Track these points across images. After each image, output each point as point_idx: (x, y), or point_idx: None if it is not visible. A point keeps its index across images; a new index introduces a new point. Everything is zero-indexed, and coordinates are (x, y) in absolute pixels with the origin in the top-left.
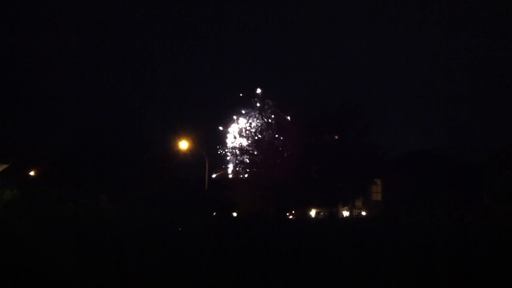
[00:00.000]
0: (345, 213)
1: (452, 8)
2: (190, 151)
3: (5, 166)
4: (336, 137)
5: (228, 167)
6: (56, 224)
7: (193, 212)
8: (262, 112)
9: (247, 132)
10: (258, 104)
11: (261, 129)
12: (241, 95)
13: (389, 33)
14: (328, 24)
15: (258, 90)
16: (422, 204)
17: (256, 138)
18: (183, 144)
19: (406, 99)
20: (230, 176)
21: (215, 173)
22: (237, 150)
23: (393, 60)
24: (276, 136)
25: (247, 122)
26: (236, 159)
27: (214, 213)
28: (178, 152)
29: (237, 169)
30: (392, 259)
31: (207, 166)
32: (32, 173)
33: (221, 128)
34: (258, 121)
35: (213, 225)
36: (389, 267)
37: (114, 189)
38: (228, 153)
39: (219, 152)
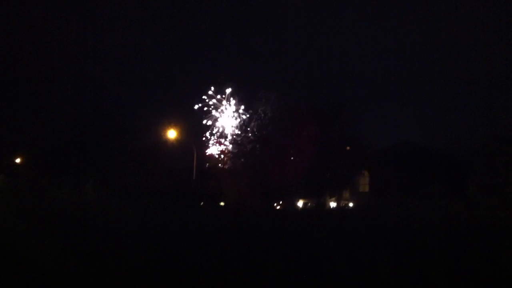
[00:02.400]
0: (333, 204)
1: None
2: (178, 140)
3: None
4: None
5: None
6: (41, 214)
7: (180, 202)
8: (265, 106)
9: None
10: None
11: (249, 120)
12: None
13: (385, 29)
14: (323, 19)
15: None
16: (408, 194)
17: (244, 128)
18: (171, 133)
19: (396, 93)
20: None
21: (206, 164)
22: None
23: (387, 54)
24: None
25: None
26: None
27: (202, 203)
28: (165, 141)
29: (225, 158)
30: (378, 248)
31: (195, 154)
32: (18, 160)
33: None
34: (250, 112)
35: (200, 217)
36: (376, 256)
37: (99, 179)
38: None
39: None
